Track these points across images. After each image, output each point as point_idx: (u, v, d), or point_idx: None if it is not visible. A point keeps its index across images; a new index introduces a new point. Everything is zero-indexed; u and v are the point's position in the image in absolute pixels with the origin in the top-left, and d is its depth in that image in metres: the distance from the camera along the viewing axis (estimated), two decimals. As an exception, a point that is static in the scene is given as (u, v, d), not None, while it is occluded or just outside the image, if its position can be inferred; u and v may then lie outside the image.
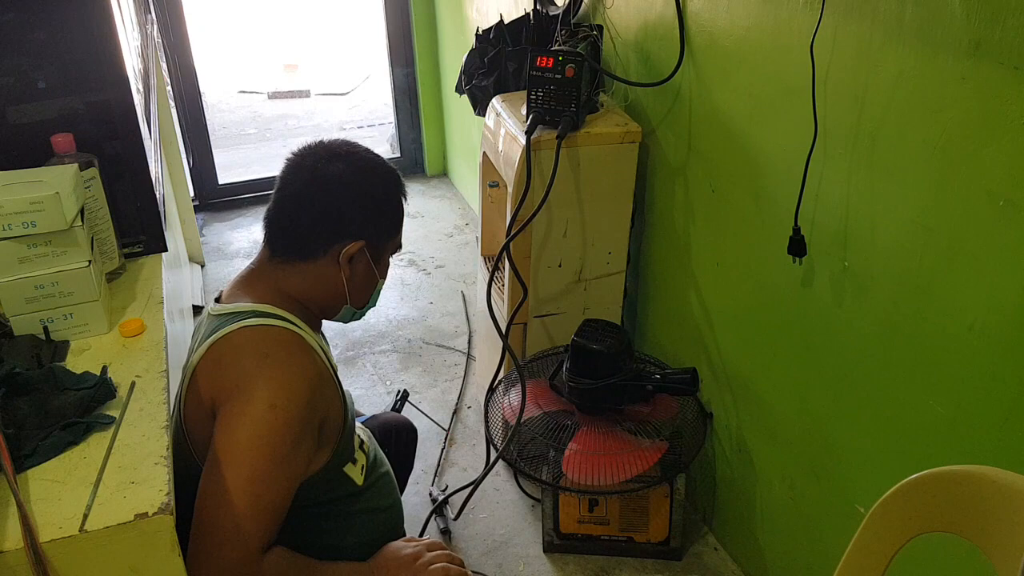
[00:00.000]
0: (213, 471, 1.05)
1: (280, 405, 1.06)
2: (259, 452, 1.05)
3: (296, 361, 1.11)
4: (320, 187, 1.17)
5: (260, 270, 1.22)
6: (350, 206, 1.19)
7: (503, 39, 2.19)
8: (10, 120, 1.37)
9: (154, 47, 2.77)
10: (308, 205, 1.18)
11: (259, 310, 1.15)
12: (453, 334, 2.83)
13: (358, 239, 1.19)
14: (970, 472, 0.90)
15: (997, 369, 1.09)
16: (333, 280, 1.21)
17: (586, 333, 1.73)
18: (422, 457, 2.24)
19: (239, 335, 1.12)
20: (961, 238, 1.11)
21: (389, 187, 1.23)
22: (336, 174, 1.18)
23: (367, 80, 6.44)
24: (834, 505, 1.49)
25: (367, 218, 1.21)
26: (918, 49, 1.11)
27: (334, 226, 1.18)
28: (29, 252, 1.18)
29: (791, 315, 1.51)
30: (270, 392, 1.06)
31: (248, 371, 1.08)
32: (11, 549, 0.89)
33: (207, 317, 1.20)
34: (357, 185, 1.19)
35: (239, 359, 1.10)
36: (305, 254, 1.19)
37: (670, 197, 1.86)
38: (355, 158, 1.21)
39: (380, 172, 1.23)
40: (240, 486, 1.04)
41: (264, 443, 1.05)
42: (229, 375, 1.09)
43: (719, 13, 1.54)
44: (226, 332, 1.12)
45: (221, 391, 1.09)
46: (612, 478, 1.65)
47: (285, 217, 1.20)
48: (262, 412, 1.05)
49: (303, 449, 1.10)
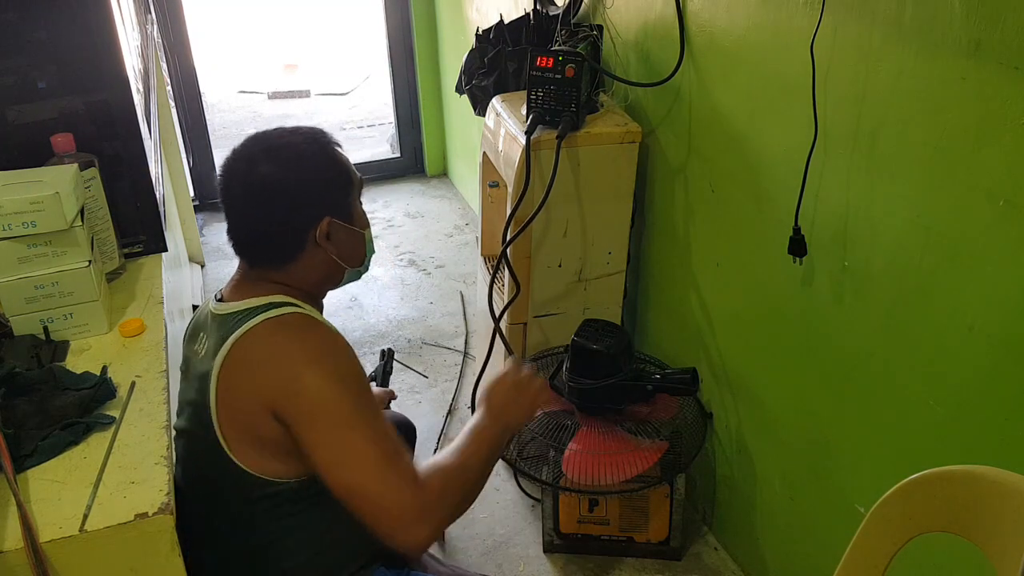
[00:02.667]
0: (334, 465, 1.07)
1: (339, 371, 1.10)
2: (354, 418, 1.07)
3: (327, 332, 1.16)
4: (260, 197, 1.17)
5: (250, 274, 1.22)
6: (298, 197, 1.18)
7: (503, 39, 2.19)
8: (10, 120, 1.37)
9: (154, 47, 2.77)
10: (260, 218, 1.18)
11: (274, 301, 1.17)
12: (453, 334, 2.83)
13: (322, 218, 1.19)
14: (970, 472, 0.90)
15: (997, 369, 1.09)
16: (323, 260, 1.22)
17: (586, 333, 1.73)
18: (422, 456, 2.24)
19: (261, 329, 1.12)
20: (961, 238, 1.11)
21: (319, 156, 1.21)
22: (267, 176, 1.17)
23: (367, 80, 6.44)
24: (834, 505, 1.49)
25: (319, 196, 1.20)
26: (918, 49, 1.11)
27: (294, 222, 1.19)
28: (29, 252, 1.18)
29: (791, 315, 1.51)
30: (325, 368, 1.09)
31: (294, 361, 1.10)
32: (11, 549, 0.89)
33: (211, 316, 1.19)
34: (292, 175, 1.18)
35: (277, 356, 1.11)
36: (284, 257, 1.20)
37: (670, 197, 1.86)
38: (275, 152, 1.19)
39: (304, 149, 1.21)
40: (364, 457, 1.06)
41: (351, 408, 1.08)
42: (275, 374, 1.09)
43: (719, 13, 1.54)
44: (249, 327, 1.12)
45: (275, 391, 1.09)
46: (612, 478, 1.65)
47: (245, 235, 1.21)
48: (330, 388, 1.08)
49: (369, 388, 1.16)
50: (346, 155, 1.24)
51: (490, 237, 2.22)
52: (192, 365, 1.19)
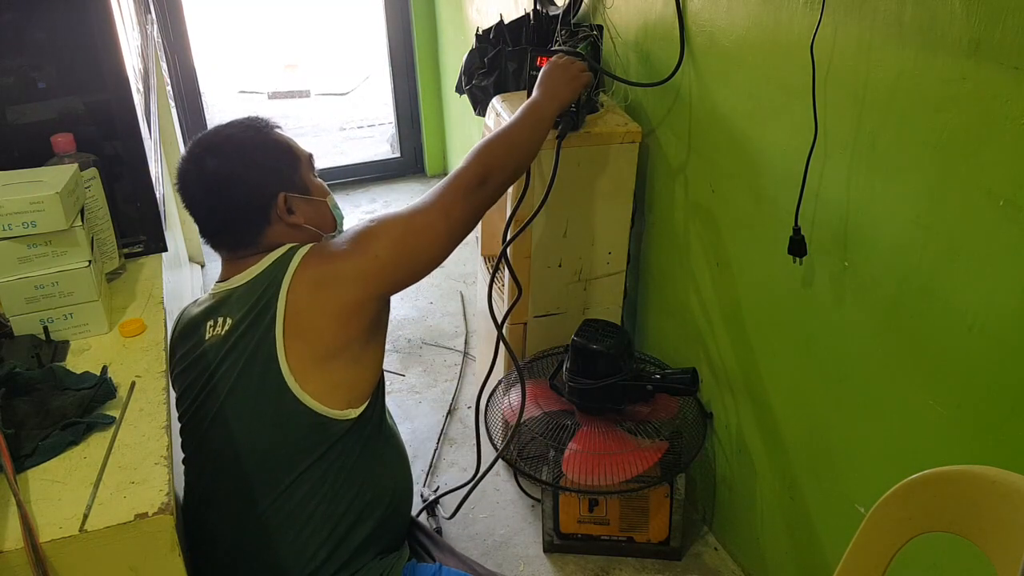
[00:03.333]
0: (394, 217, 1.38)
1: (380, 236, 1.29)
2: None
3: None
4: (216, 190, 1.25)
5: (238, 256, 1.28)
6: (248, 181, 1.25)
7: (503, 39, 2.19)
8: (10, 120, 1.37)
9: (154, 47, 2.77)
10: (223, 208, 1.25)
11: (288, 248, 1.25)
12: (453, 334, 2.83)
13: (276, 195, 1.27)
14: (970, 472, 0.90)
15: (997, 369, 1.09)
16: (294, 232, 1.29)
17: (586, 333, 1.73)
18: (420, 456, 2.24)
19: (312, 254, 1.23)
20: (961, 238, 1.11)
21: (258, 140, 1.29)
22: (217, 170, 1.25)
23: (367, 80, 6.44)
24: (834, 505, 1.49)
25: (268, 176, 1.27)
26: (918, 49, 1.11)
27: (254, 203, 1.26)
28: (29, 252, 1.18)
29: (791, 315, 1.51)
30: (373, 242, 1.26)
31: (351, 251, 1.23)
32: (11, 549, 0.89)
33: (222, 295, 1.25)
34: (238, 162, 1.25)
35: (328, 256, 1.22)
36: (256, 240, 1.26)
37: (670, 197, 1.86)
38: (216, 147, 1.26)
39: (243, 137, 1.28)
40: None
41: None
42: (347, 265, 1.21)
43: (719, 13, 1.54)
44: (300, 259, 1.21)
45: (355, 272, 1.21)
46: (612, 478, 1.65)
47: (215, 227, 1.28)
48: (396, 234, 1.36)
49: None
50: (286, 135, 1.33)
51: (490, 237, 2.22)
52: (211, 346, 1.22)
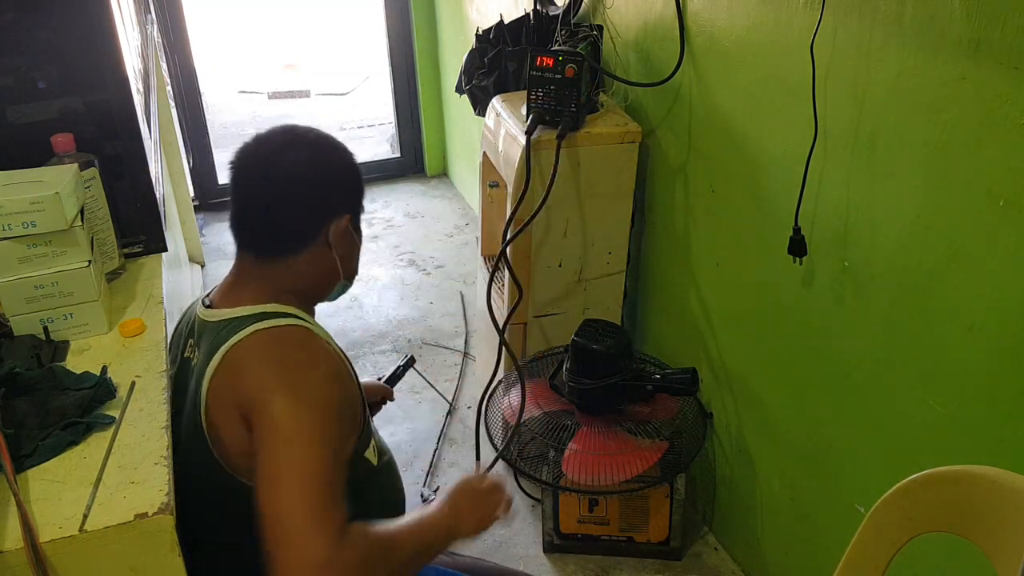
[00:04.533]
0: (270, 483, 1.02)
1: (313, 397, 1.06)
2: (309, 449, 1.03)
3: (315, 354, 1.11)
4: (286, 183, 1.16)
5: (247, 273, 1.20)
6: (324, 189, 1.19)
7: (503, 39, 2.19)
8: (10, 120, 1.37)
9: (154, 47, 2.77)
10: (282, 203, 1.17)
11: (266, 311, 1.14)
12: (453, 334, 2.83)
13: (343, 215, 1.19)
14: (970, 472, 0.90)
15: (997, 369, 1.09)
16: (326, 261, 1.21)
17: (586, 333, 1.73)
18: (420, 457, 2.24)
19: (253, 339, 1.10)
20: (961, 238, 1.11)
21: (344, 156, 1.23)
22: (294, 163, 1.17)
23: (367, 80, 6.44)
24: (834, 505, 1.49)
25: (342, 192, 1.21)
26: (918, 49, 1.11)
27: (318, 212, 1.18)
28: (29, 252, 1.18)
29: (791, 315, 1.51)
30: (300, 390, 1.06)
31: (274, 376, 1.07)
32: (11, 549, 0.89)
33: (200, 322, 1.18)
34: (319, 166, 1.19)
35: (260, 365, 1.09)
36: (295, 248, 1.19)
37: (670, 197, 1.86)
38: (304, 142, 1.19)
39: (331, 145, 1.22)
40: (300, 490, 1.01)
41: (311, 438, 1.04)
42: (254, 383, 1.07)
43: (719, 13, 1.54)
44: (239, 338, 1.10)
45: (248, 400, 1.07)
46: (612, 478, 1.65)
47: (262, 221, 1.18)
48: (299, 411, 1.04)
49: (343, 430, 1.11)
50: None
51: (490, 237, 2.22)
52: (183, 371, 1.19)
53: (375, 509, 1.27)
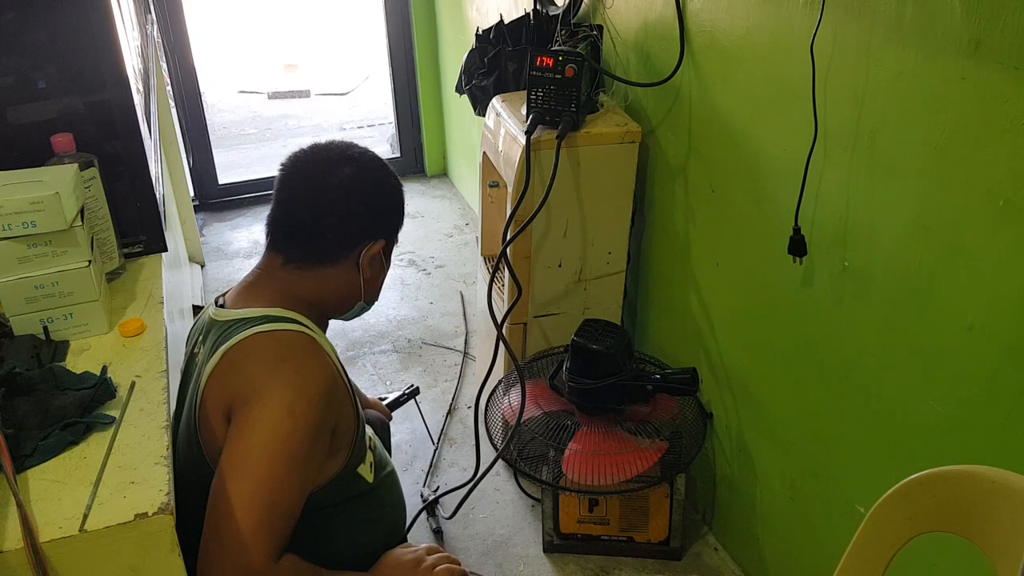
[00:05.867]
0: (227, 476, 1.03)
1: (297, 410, 1.05)
2: (275, 457, 1.04)
3: (312, 364, 1.11)
4: (336, 193, 1.17)
5: (269, 275, 1.21)
6: (370, 209, 1.20)
7: (503, 39, 2.19)
8: (10, 120, 1.37)
9: (154, 47, 2.77)
10: (327, 213, 1.18)
11: (271, 314, 1.15)
12: (453, 334, 2.83)
13: (379, 239, 1.21)
14: (970, 472, 0.90)
15: (997, 369, 1.09)
16: (350, 280, 1.22)
17: (586, 333, 1.73)
18: (420, 456, 2.24)
19: (254, 340, 1.11)
20: (961, 238, 1.11)
21: (395, 184, 1.26)
22: (348, 177, 1.18)
23: (367, 80, 6.44)
24: (834, 505, 1.49)
25: (385, 218, 1.23)
26: (918, 49, 1.11)
27: (358, 230, 1.19)
28: (29, 252, 1.18)
29: (791, 315, 1.51)
30: (287, 396, 1.05)
31: (264, 376, 1.07)
32: (11, 549, 0.89)
33: (210, 321, 1.19)
34: (371, 187, 1.20)
35: (254, 364, 1.09)
36: (326, 259, 1.19)
37: (670, 197, 1.86)
38: (361, 160, 1.21)
39: (385, 171, 1.24)
40: (254, 491, 1.02)
41: (281, 448, 1.04)
42: (244, 380, 1.08)
43: (719, 13, 1.54)
44: (240, 338, 1.11)
45: (235, 396, 1.08)
46: (612, 478, 1.65)
47: (302, 226, 1.19)
48: (279, 416, 1.04)
49: (317, 455, 1.10)
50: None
51: (490, 237, 2.22)
52: (191, 368, 1.20)
53: (369, 525, 1.27)
